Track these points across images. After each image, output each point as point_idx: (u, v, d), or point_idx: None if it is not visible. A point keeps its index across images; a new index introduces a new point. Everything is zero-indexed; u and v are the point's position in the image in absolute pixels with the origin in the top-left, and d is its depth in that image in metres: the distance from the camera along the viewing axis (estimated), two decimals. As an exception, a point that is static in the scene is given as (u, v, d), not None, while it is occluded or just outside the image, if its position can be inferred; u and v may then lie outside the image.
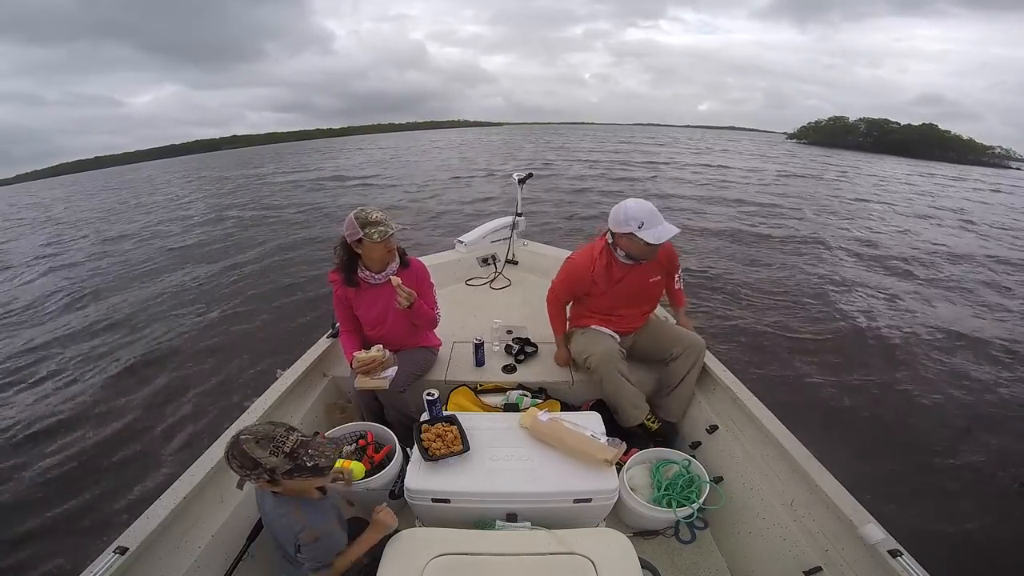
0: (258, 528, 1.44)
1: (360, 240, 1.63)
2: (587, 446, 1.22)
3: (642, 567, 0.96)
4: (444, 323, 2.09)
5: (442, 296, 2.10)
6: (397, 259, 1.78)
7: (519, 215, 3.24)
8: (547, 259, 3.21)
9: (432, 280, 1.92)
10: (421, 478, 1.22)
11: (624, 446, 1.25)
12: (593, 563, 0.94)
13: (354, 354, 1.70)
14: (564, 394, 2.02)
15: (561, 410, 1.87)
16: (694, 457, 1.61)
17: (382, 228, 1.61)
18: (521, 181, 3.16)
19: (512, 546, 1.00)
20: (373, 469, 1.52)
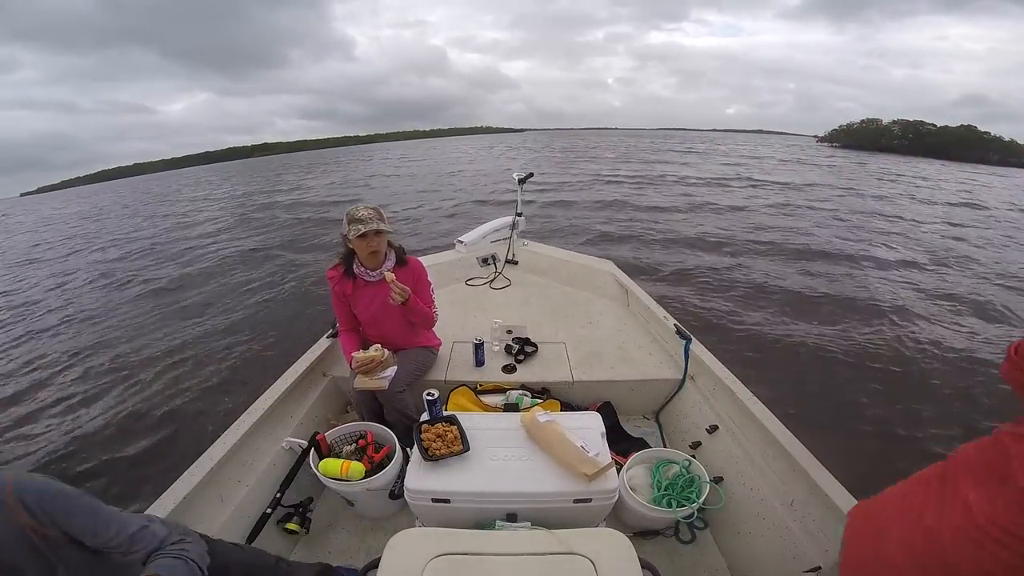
0: (258, 528, 1.44)
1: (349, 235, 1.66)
2: (570, 456, 1.21)
3: (642, 567, 0.96)
4: (444, 323, 2.09)
5: (442, 296, 2.10)
6: (393, 257, 1.79)
7: (519, 215, 3.24)
8: (547, 259, 3.21)
9: (430, 280, 1.93)
10: (421, 478, 1.22)
11: (610, 463, 1.23)
12: (593, 563, 0.94)
13: (353, 354, 1.70)
14: (564, 394, 2.02)
15: (561, 410, 1.88)
16: (694, 457, 1.61)
17: (359, 226, 1.63)
18: (521, 181, 3.16)
19: (512, 546, 1.00)
20: (373, 469, 1.52)
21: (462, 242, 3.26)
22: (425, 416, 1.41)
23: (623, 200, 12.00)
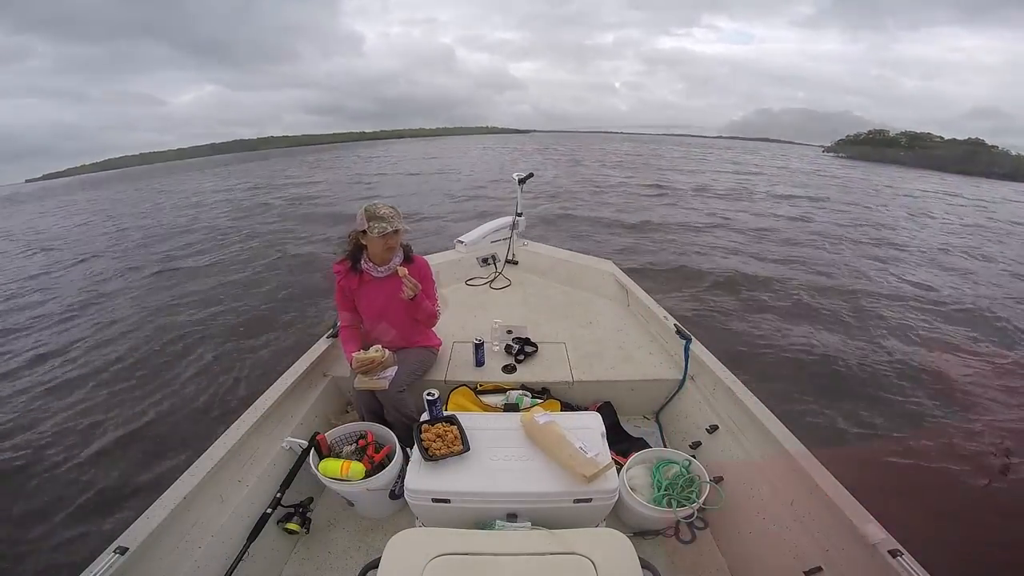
0: (258, 528, 1.44)
1: (365, 232, 1.67)
2: (570, 458, 1.20)
3: (642, 567, 0.96)
4: (444, 323, 2.09)
5: (442, 296, 2.10)
6: (401, 255, 1.81)
7: (519, 215, 3.24)
8: (547, 259, 3.21)
9: (434, 278, 1.94)
10: (421, 478, 1.22)
11: (610, 463, 1.23)
12: (593, 563, 0.94)
13: (353, 354, 1.71)
14: (564, 394, 2.02)
15: (561, 410, 1.88)
16: (694, 457, 1.61)
17: (383, 225, 1.65)
18: (521, 181, 3.16)
19: (512, 546, 1.00)
20: (373, 469, 1.52)
21: (462, 242, 3.26)
22: (425, 416, 1.42)
23: (645, 219, 10.18)
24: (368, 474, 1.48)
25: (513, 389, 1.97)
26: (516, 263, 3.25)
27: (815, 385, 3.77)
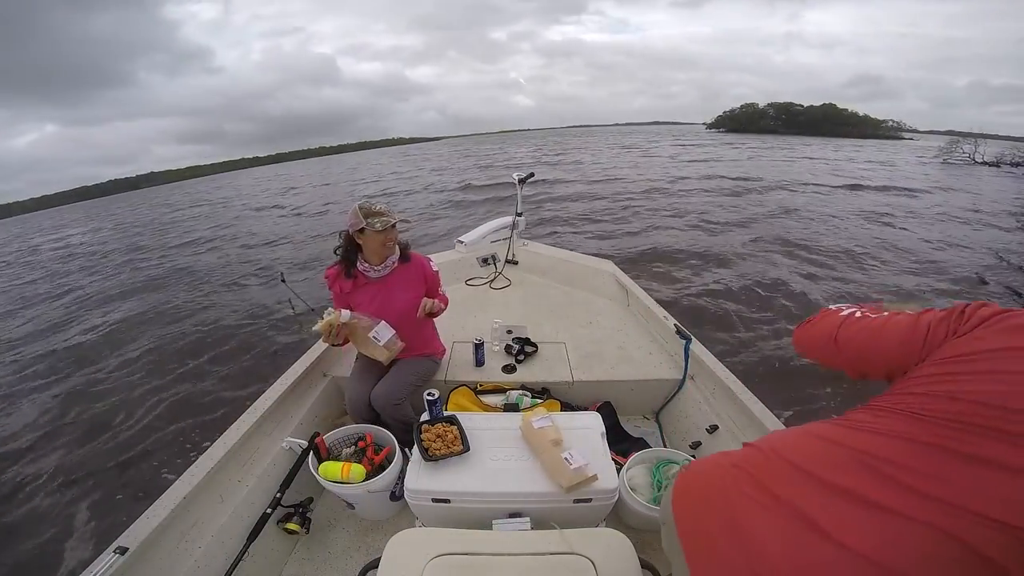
0: (258, 528, 1.44)
1: (362, 230, 1.64)
2: (552, 466, 1.21)
3: (642, 567, 0.96)
4: (444, 323, 2.09)
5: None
6: (397, 252, 1.78)
7: (519, 215, 3.24)
8: (547, 259, 3.21)
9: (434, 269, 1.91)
10: (421, 478, 1.22)
11: (593, 475, 1.22)
12: (593, 563, 0.94)
13: (313, 328, 1.64)
14: (565, 394, 2.02)
15: (561, 410, 1.88)
16: (694, 457, 1.61)
17: (385, 218, 1.63)
18: (521, 181, 3.16)
19: (512, 546, 1.00)
20: (374, 471, 1.52)
21: (462, 242, 3.26)
22: (425, 416, 1.41)
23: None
24: (368, 476, 1.48)
25: (513, 389, 1.97)
26: (516, 263, 3.25)
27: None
